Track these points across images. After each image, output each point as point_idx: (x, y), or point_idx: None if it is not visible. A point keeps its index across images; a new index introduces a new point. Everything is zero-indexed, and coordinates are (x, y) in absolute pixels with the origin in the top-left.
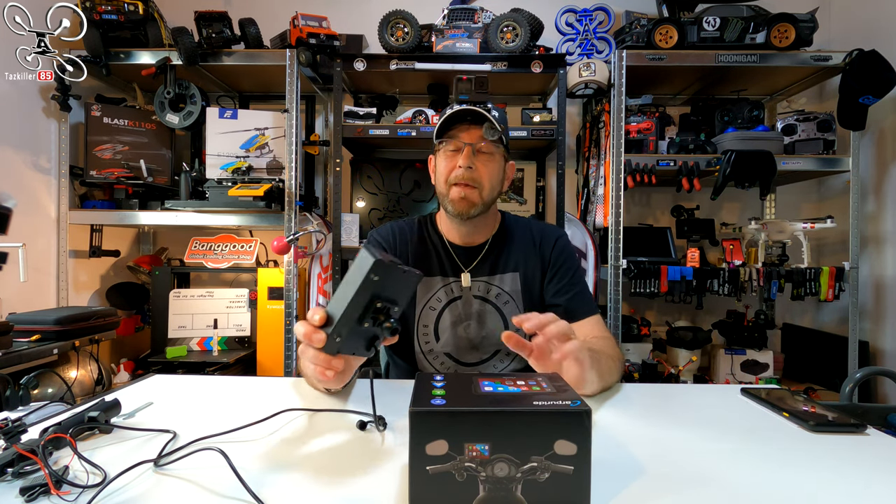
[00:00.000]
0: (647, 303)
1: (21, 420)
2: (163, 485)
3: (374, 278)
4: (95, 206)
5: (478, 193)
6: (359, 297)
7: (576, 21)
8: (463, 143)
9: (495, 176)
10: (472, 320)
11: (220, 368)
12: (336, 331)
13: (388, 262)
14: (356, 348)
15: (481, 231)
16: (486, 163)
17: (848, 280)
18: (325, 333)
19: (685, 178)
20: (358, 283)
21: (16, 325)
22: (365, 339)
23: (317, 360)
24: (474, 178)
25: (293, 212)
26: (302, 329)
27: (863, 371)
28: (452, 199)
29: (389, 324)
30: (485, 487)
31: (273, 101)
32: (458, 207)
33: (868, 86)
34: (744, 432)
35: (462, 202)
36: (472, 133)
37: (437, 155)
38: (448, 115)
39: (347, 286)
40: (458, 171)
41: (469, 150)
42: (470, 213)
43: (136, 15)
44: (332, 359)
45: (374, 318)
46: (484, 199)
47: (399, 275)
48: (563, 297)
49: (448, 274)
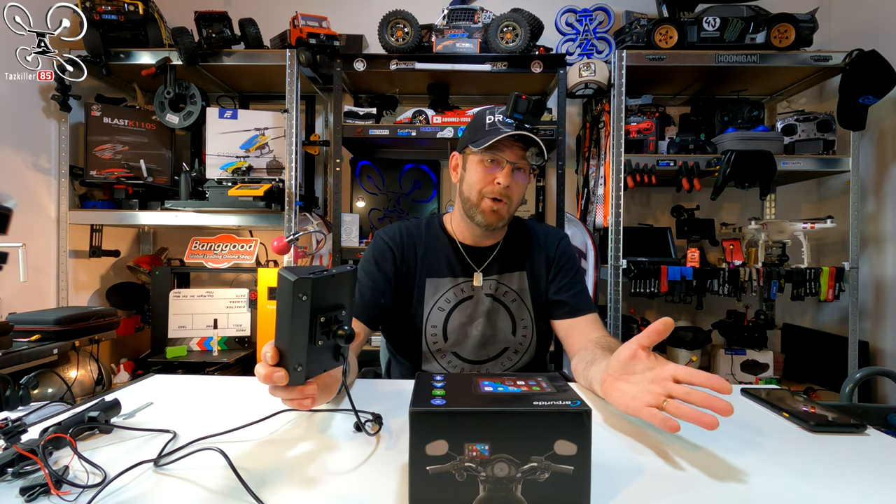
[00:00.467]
0: (647, 303)
1: (21, 420)
2: (163, 485)
3: (303, 298)
4: (95, 206)
5: (507, 208)
6: (297, 321)
7: (576, 21)
8: (506, 162)
9: (523, 192)
10: (483, 318)
11: (220, 368)
12: (293, 362)
13: (309, 277)
14: (324, 365)
15: (494, 234)
16: (520, 182)
17: (848, 280)
18: (283, 370)
19: (685, 178)
20: (290, 309)
21: (16, 325)
22: (328, 352)
23: (290, 395)
24: (508, 195)
25: (293, 212)
26: (262, 371)
27: (863, 371)
28: (484, 210)
29: (343, 331)
30: (485, 487)
31: (273, 101)
32: (488, 219)
33: (868, 86)
34: (744, 432)
35: (493, 215)
36: (516, 151)
37: (468, 159)
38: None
39: (283, 315)
40: (496, 187)
41: (510, 169)
42: (497, 226)
43: (136, 15)
44: (304, 388)
45: (325, 333)
46: (511, 212)
47: (328, 282)
48: (566, 294)
49: (458, 274)
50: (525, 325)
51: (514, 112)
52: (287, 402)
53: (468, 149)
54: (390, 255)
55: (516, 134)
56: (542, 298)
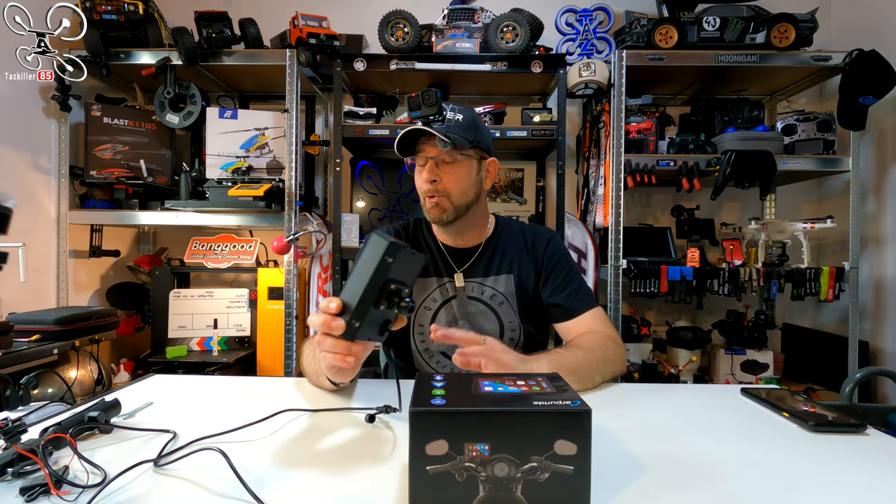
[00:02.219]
0: (647, 303)
1: (21, 420)
2: (163, 485)
3: (388, 261)
4: (95, 206)
5: (447, 201)
6: (375, 280)
7: (576, 21)
8: (425, 159)
9: (463, 181)
10: (466, 320)
11: (220, 368)
12: (354, 316)
13: (402, 244)
14: (371, 334)
15: (470, 233)
16: (450, 171)
17: (848, 280)
18: (343, 321)
19: (685, 178)
20: (373, 266)
21: (16, 325)
22: (378, 324)
23: (336, 347)
24: (439, 189)
25: (293, 212)
26: (319, 319)
27: (863, 371)
28: (428, 209)
29: (405, 303)
30: (485, 487)
31: (273, 101)
32: (431, 215)
33: (868, 86)
34: (744, 432)
35: (434, 210)
36: (431, 147)
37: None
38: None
39: (362, 271)
40: (425, 186)
41: (431, 164)
42: (443, 220)
43: (136, 15)
44: (352, 345)
45: (388, 301)
46: (455, 204)
47: (408, 256)
48: (560, 296)
49: (443, 274)
50: (513, 327)
51: (412, 112)
52: (330, 355)
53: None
54: None
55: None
56: (531, 301)
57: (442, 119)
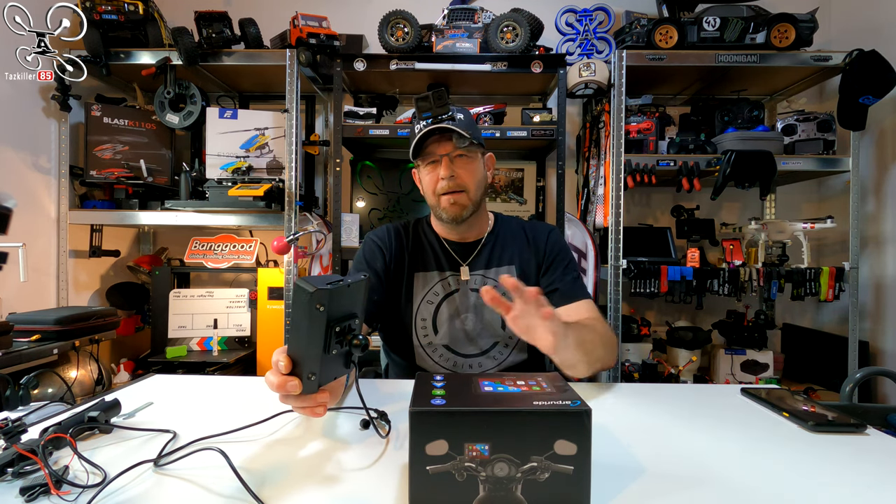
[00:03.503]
0: (647, 303)
1: (21, 420)
2: (163, 485)
3: (320, 309)
4: (95, 206)
5: (466, 196)
6: (314, 331)
7: (576, 21)
8: (439, 157)
9: (478, 174)
10: (470, 313)
11: (220, 368)
12: (307, 370)
13: (327, 289)
14: (335, 372)
15: (475, 228)
16: (465, 165)
17: (848, 280)
18: (297, 378)
19: (685, 178)
20: (307, 318)
21: (16, 325)
22: (339, 360)
23: (302, 403)
24: (459, 184)
25: (293, 212)
26: (274, 380)
27: (863, 371)
28: (444, 207)
29: (357, 341)
30: (485, 487)
31: (273, 101)
32: (451, 213)
33: (868, 86)
34: (744, 432)
35: (454, 207)
36: (445, 145)
37: (420, 171)
38: (418, 137)
39: (298, 325)
40: (442, 183)
41: (447, 161)
42: (463, 216)
43: (136, 15)
44: (317, 395)
45: (339, 342)
46: (472, 199)
47: (343, 291)
48: (560, 283)
49: (445, 269)
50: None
51: (422, 113)
52: (299, 411)
53: (416, 163)
54: (380, 253)
55: (430, 130)
56: None
57: (452, 117)
